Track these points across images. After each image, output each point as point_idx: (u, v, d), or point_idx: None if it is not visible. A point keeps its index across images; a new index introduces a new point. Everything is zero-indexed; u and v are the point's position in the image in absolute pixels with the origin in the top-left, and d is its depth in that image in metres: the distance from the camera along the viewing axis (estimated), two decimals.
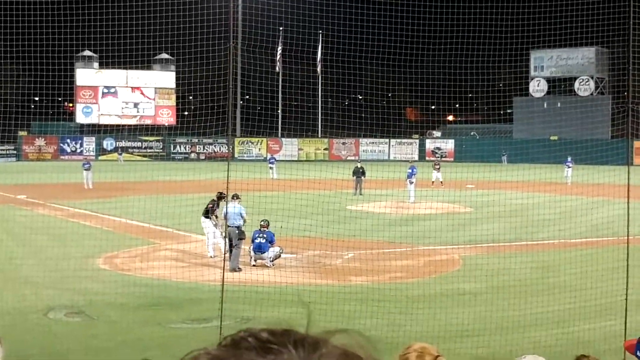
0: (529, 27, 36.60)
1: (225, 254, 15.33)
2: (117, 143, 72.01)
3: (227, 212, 18.02)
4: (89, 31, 36.70)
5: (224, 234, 18.30)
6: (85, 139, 72.11)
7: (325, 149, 75.55)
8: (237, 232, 18.84)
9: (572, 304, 14.62)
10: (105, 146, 71.78)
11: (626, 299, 11.27)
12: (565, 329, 13.10)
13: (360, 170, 38.47)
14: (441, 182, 41.90)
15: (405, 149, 76.10)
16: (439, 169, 43.38)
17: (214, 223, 20.44)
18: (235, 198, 19.26)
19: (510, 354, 11.45)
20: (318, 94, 76.25)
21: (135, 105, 76.75)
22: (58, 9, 27.85)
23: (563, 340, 12.07)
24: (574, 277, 15.98)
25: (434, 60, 55.68)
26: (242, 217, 19.06)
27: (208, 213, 20.66)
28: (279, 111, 75.65)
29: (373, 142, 76.44)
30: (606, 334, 12.32)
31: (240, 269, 18.52)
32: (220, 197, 20.58)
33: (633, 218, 12.33)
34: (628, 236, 11.87)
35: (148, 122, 75.14)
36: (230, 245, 18.37)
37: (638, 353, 4.37)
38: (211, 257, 20.32)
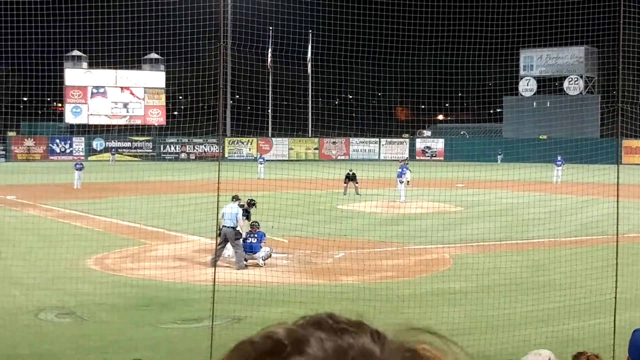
0: (519, 27, 36.67)
1: (215, 253, 15.33)
2: (107, 143, 71.78)
3: (224, 212, 18.10)
4: (77, 31, 36.56)
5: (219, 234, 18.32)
6: (74, 139, 71.80)
7: (315, 149, 75.54)
8: (233, 232, 18.88)
9: (562, 303, 14.69)
10: (95, 146, 71.54)
11: (615, 297, 11.34)
12: (555, 327, 13.17)
13: (352, 176, 38.26)
14: (408, 181, 39.99)
15: (395, 148, 76.17)
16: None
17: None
18: (235, 199, 19.48)
19: (501, 352, 11.51)
20: (308, 94, 76.23)
21: (125, 105, 76.48)
22: (47, 8, 27.72)
23: (553, 338, 12.12)
24: (563, 276, 16.06)
25: (424, 60, 55.75)
26: (236, 219, 19.05)
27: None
28: (269, 111, 75.58)
29: (363, 142, 76.50)
30: (595, 332, 12.38)
31: (246, 266, 18.62)
32: (251, 204, 20.62)
33: (622, 217, 12.39)
34: (617, 235, 11.92)
35: (138, 122, 74.89)
36: (221, 245, 18.39)
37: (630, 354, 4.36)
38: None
